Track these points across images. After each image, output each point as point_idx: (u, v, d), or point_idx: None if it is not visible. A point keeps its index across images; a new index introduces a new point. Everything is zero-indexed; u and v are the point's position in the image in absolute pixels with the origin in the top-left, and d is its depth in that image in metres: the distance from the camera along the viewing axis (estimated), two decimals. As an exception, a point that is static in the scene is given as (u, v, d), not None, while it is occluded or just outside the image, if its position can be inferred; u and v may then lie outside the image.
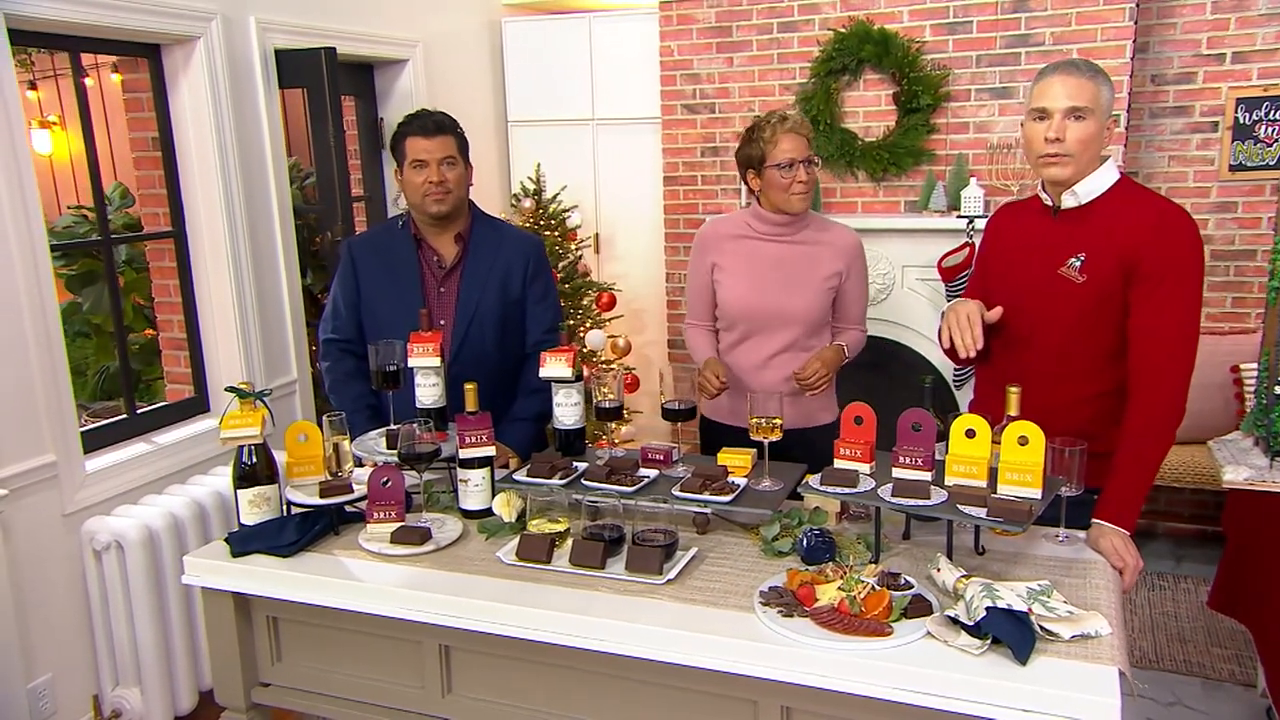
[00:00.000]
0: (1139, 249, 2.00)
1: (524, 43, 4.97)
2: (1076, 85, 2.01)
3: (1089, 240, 2.06)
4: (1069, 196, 2.09)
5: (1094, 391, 2.10)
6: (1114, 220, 2.05)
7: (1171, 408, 2.00)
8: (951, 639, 1.58)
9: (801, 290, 2.58)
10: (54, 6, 2.73)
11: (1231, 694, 3.12)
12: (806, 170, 2.52)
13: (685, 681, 1.73)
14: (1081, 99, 2.01)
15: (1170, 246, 2.00)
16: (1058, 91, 2.02)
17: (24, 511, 2.69)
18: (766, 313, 2.59)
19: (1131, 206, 2.06)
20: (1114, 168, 2.10)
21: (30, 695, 2.70)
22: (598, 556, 1.88)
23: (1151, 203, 2.08)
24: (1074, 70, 2.03)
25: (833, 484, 1.89)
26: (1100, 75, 2.05)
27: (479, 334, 2.51)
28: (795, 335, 2.60)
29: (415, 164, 2.43)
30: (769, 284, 2.59)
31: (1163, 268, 1.99)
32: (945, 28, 4.15)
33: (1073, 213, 2.11)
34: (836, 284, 2.61)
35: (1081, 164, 2.05)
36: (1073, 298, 2.07)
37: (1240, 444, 2.41)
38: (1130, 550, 1.91)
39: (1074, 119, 2.02)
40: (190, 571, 2.06)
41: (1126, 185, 2.10)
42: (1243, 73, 4.00)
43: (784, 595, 1.73)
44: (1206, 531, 4.25)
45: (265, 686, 2.12)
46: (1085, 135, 2.02)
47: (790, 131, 2.51)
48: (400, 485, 2.08)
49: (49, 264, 2.75)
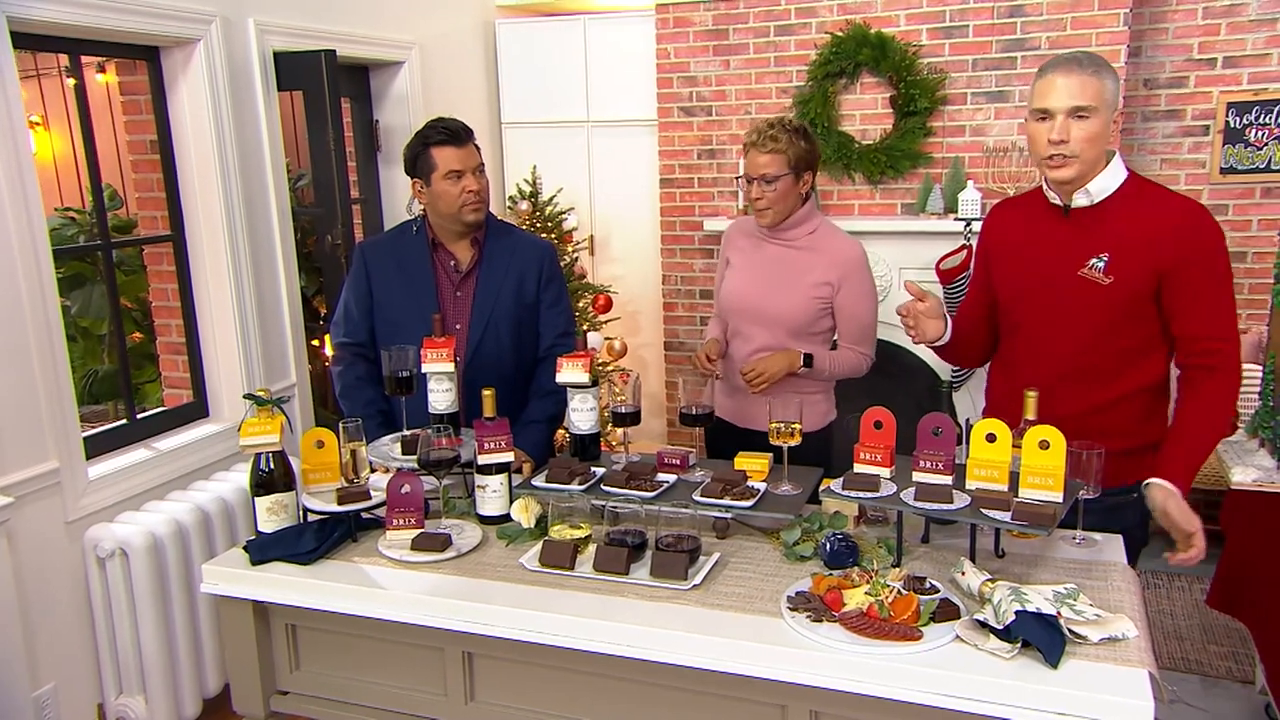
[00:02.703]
0: (1169, 247, 2.00)
1: (518, 45, 4.96)
2: (1079, 83, 1.97)
3: (1109, 240, 2.05)
4: (1081, 196, 2.07)
5: (1117, 393, 2.11)
6: (1134, 219, 2.04)
7: (1238, 375, 2.03)
8: (981, 643, 1.60)
9: (787, 292, 2.63)
10: (55, 9, 2.70)
11: (1230, 691, 3.16)
12: (760, 187, 2.57)
13: (713, 687, 1.74)
14: (1085, 97, 1.97)
15: (1200, 240, 2.01)
16: (1060, 90, 1.98)
17: (27, 519, 2.66)
18: (751, 309, 2.67)
19: (1150, 205, 2.05)
20: (1122, 164, 2.08)
21: (35, 705, 2.67)
22: (622, 562, 1.88)
23: (1169, 200, 2.07)
24: (1076, 67, 1.98)
25: (855, 488, 1.90)
26: (1104, 68, 2.00)
27: (494, 338, 2.51)
28: (776, 336, 2.64)
29: (451, 175, 2.43)
30: (760, 282, 2.67)
31: (1197, 260, 2.00)
32: (942, 31, 4.18)
33: (1086, 212, 2.09)
34: (827, 295, 2.63)
35: (1087, 163, 2.02)
36: (1099, 298, 2.06)
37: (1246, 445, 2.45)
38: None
39: (1077, 118, 1.98)
40: (209, 580, 2.04)
41: (1137, 182, 2.09)
42: (1233, 77, 4.06)
43: (811, 600, 1.74)
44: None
45: (284, 695, 2.10)
46: (1090, 134, 1.98)
47: (754, 147, 2.58)
48: (419, 491, 2.07)
49: (51, 269, 2.72)
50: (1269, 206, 4.08)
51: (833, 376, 2.69)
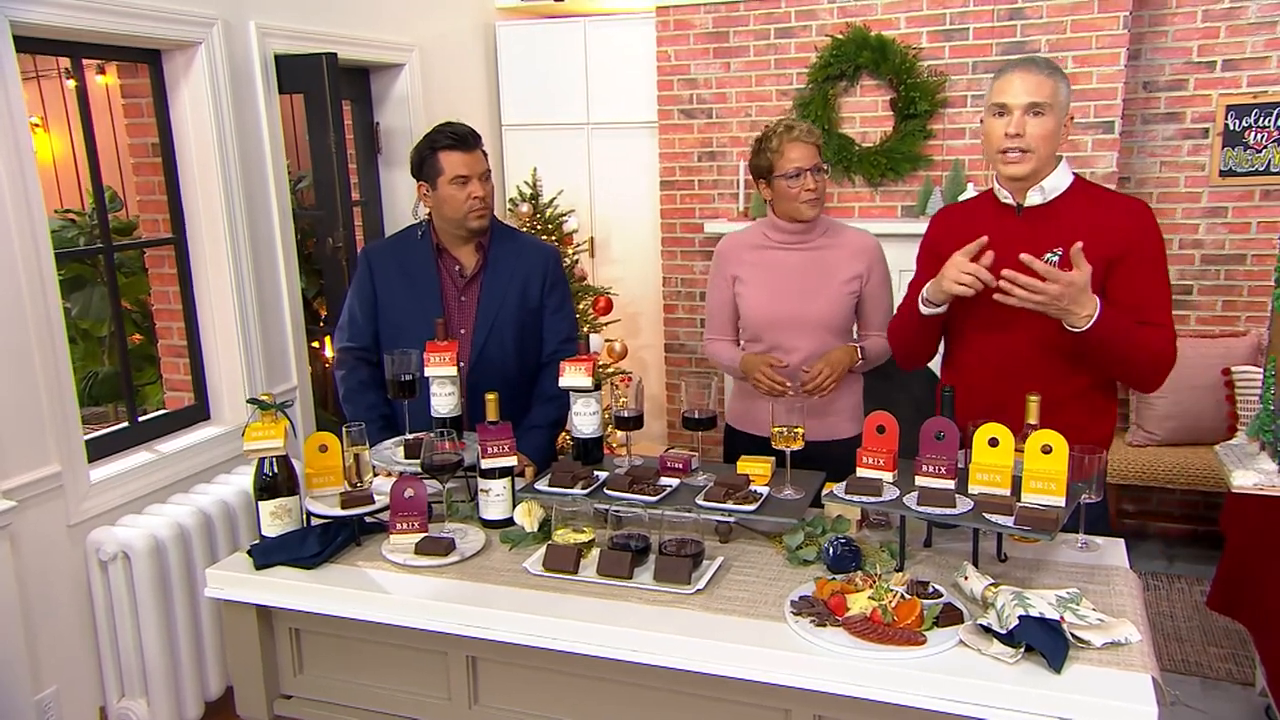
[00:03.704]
0: (1118, 244, 2.10)
1: (518, 46, 4.97)
2: (1036, 82, 2.07)
3: (1062, 237, 2.10)
4: (1035, 194, 2.16)
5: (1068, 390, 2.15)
6: (1084, 217, 2.13)
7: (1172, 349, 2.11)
8: (985, 647, 1.60)
9: (821, 295, 2.59)
10: (58, 13, 2.70)
11: (1230, 693, 3.17)
12: (814, 178, 2.53)
13: (716, 691, 1.74)
14: (1041, 95, 2.07)
15: (1145, 237, 2.12)
16: (1017, 88, 2.08)
17: (30, 523, 2.67)
18: (788, 318, 2.59)
19: (1098, 204, 2.16)
20: (1068, 167, 2.18)
21: (37, 708, 2.67)
22: (625, 566, 1.89)
23: (1115, 198, 2.20)
24: (1033, 67, 2.09)
25: (858, 493, 1.91)
26: (1059, 74, 2.11)
27: (498, 343, 2.51)
28: (821, 340, 2.59)
29: (457, 180, 2.43)
30: (788, 291, 2.60)
31: (1141, 254, 2.11)
32: (942, 34, 4.19)
33: (1038, 210, 2.17)
34: (858, 287, 2.61)
35: (1042, 159, 2.11)
36: None
37: (1246, 449, 2.45)
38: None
39: (1033, 115, 2.08)
40: (213, 584, 2.05)
41: (1083, 183, 2.20)
42: (1232, 80, 4.07)
43: (815, 605, 1.74)
44: (1197, 531, 4.31)
45: (287, 699, 2.11)
46: (1044, 131, 2.08)
47: (796, 140, 2.53)
48: (423, 496, 2.08)
49: (54, 272, 2.72)
50: (1268, 209, 4.09)
51: (872, 366, 2.68)
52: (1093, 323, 2.00)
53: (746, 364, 2.58)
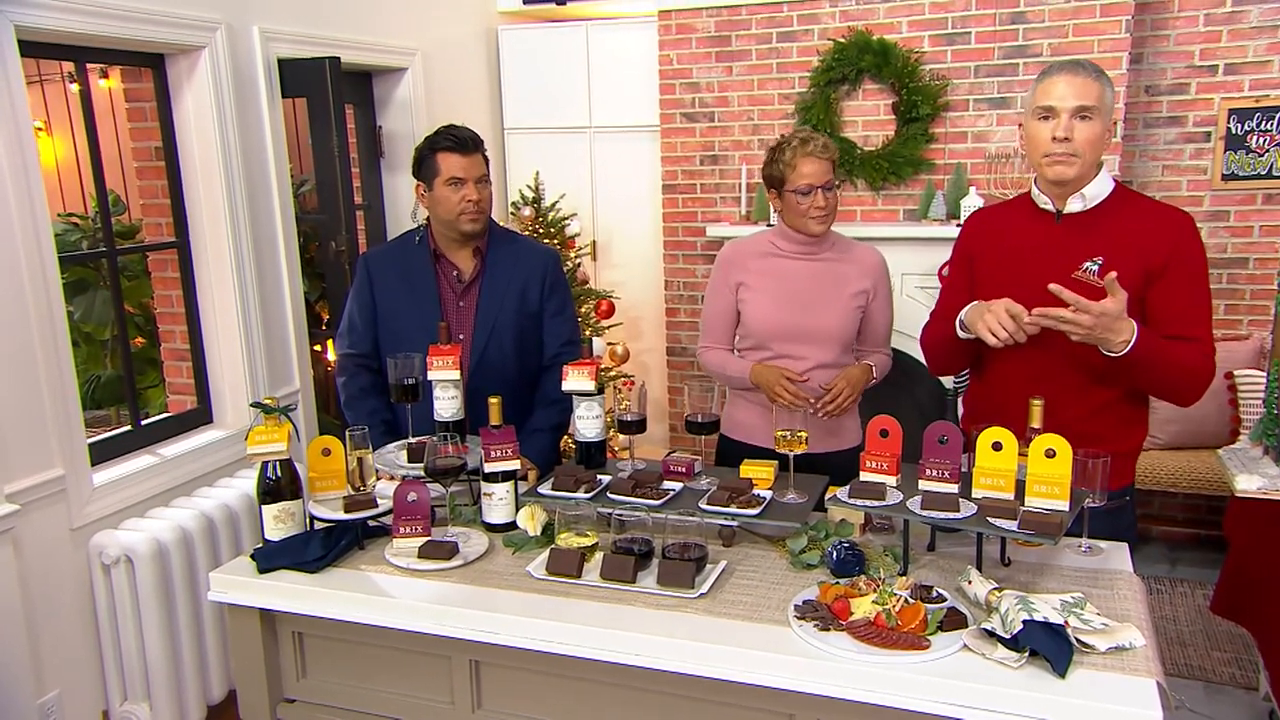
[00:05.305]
0: (1160, 253, 2.05)
1: (520, 50, 4.97)
2: (1083, 85, 2.01)
3: (1103, 245, 2.08)
4: (1076, 200, 2.10)
5: (1101, 399, 2.13)
6: (1125, 227, 2.08)
7: (1211, 363, 2.05)
8: (989, 652, 1.60)
9: (829, 308, 2.56)
10: (62, 18, 2.70)
11: (1233, 697, 3.16)
12: (825, 196, 2.49)
13: (720, 695, 1.74)
14: (1088, 98, 2.01)
15: (1187, 249, 2.07)
16: (1064, 90, 2.02)
17: (33, 526, 2.67)
18: (795, 328, 2.55)
19: (1140, 213, 2.11)
20: (1109, 174, 2.13)
21: (40, 711, 2.67)
22: (629, 570, 1.89)
23: (1158, 207, 2.15)
24: (1080, 70, 2.03)
25: (862, 497, 1.91)
26: (1104, 77, 2.06)
27: (498, 347, 2.51)
28: (829, 352, 2.56)
29: (452, 181, 2.43)
30: (797, 301, 2.56)
31: (1182, 267, 2.06)
32: (944, 38, 4.20)
33: (1078, 217, 2.12)
34: (864, 303, 2.59)
35: (1086, 164, 2.05)
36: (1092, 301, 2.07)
37: (1250, 453, 2.45)
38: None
39: (1081, 119, 2.02)
40: (216, 588, 2.05)
41: (1124, 191, 2.15)
42: (1235, 84, 4.07)
43: (819, 609, 1.74)
44: (1200, 535, 4.31)
45: (290, 703, 2.11)
46: (1091, 135, 2.02)
47: (810, 156, 2.46)
48: (426, 500, 2.08)
49: (57, 276, 2.72)
50: (1270, 213, 4.10)
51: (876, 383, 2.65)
52: (1129, 348, 1.95)
53: (760, 375, 2.53)
